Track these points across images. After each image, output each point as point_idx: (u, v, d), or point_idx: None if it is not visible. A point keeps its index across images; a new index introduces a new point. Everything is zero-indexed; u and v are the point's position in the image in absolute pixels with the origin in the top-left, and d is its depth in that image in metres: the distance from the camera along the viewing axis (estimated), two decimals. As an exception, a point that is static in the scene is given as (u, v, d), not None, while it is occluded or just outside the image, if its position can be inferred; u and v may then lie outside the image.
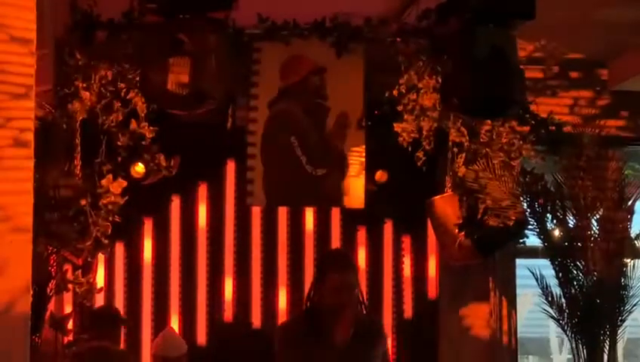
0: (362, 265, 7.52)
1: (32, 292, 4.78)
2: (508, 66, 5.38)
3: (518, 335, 7.41)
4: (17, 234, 4.64)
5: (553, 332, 8.71)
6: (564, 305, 6.44)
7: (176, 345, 6.50)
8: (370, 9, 6.28)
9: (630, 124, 7.21)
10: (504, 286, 7.29)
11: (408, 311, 7.56)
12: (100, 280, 6.72)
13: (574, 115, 6.97)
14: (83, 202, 5.92)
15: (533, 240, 6.61)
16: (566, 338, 6.64)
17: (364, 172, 6.55)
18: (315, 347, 5.06)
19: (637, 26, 6.50)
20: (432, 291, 7.56)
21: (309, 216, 7.51)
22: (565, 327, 6.48)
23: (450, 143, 6.52)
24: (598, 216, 6.43)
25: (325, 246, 7.48)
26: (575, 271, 6.41)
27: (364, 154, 6.51)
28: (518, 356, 7.49)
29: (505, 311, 7.26)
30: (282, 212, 7.47)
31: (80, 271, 6.02)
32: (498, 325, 7.22)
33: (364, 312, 5.36)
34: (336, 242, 7.53)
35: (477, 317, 7.18)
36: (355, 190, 6.54)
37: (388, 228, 7.58)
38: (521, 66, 5.51)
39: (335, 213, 7.48)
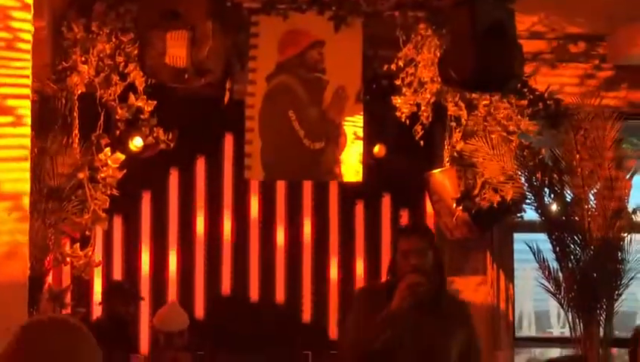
0: (360, 239, 7.54)
1: (29, 266, 4.80)
2: (507, 40, 5.40)
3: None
4: (14, 208, 4.66)
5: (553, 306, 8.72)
6: (561, 278, 6.46)
7: (178, 319, 6.51)
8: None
9: (629, 97, 7.20)
10: (502, 259, 7.31)
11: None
12: (97, 253, 6.71)
13: (572, 89, 6.95)
14: (81, 175, 5.92)
15: (530, 214, 6.62)
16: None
17: (362, 146, 6.54)
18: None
19: (635, 2, 6.49)
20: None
21: (307, 189, 7.51)
22: (562, 301, 6.51)
23: (448, 117, 6.52)
24: (595, 191, 6.44)
25: (323, 220, 7.50)
26: (572, 246, 6.42)
27: (362, 127, 6.49)
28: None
29: (502, 284, 7.28)
30: (280, 185, 7.47)
31: (78, 244, 6.03)
32: (496, 298, 7.24)
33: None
34: (334, 216, 7.53)
35: (475, 290, 7.19)
36: (353, 164, 6.53)
37: (386, 201, 7.58)
38: (520, 40, 5.51)
39: (333, 187, 7.48)
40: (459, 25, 5.49)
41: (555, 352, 8.72)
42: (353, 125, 6.48)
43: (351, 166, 6.54)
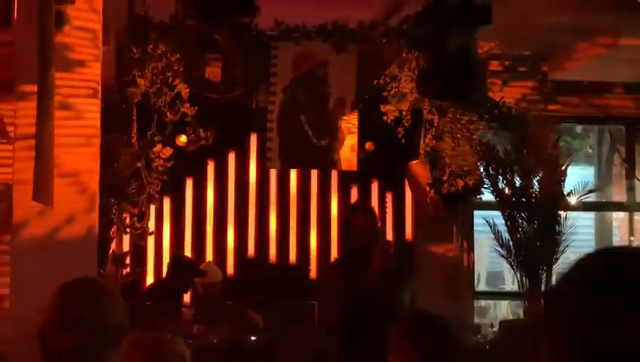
0: (355, 215, 7.50)
1: (97, 233, 4.77)
2: (470, 61, 5.33)
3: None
4: (87, 189, 4.62)
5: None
6: (512, 246, 6.42)
7: (213, 273, 6.49)
8: (362, 16, 6.21)
9: (564, 106, 7.16)
10: (465, 231, 7.27)
11: (391, 250, 7.53)
12: (151, 225, 6.68)
13: (521, 99, 6.91)
14: (139, 165, 5.89)
15: (488, 196, 6.58)
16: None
17: (356, 142, 6.50)
18: (348, 285, 4.90)
19: (570, 29, 6.44)
20: (409, 235, 7.53)
21: (314, 176, 7.47)
22: (512, 264, 6.47)
23: (423, 121, 6.48)
24: (538, 178, 6.40)
25: (326, 200, 7.46)
26: (520, 221, 6.39)
27: (357, 128, 6.45)
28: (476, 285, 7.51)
29: (465, 250, 7.24)
30: (293, 173, 7.43)
31: (136, 218, 6.00)
32: (460, 260, 7.20)
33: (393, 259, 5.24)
34: (335, 197, 7.49)
35: (444, 255, 7.15)
36: (350, 156, 6.50)
37: (375, 186, 7.53)
38: (481, 61, 5.46)
39: (334, 175, 7.44)
40: (433, 49, 5.44)
41: (505, 304, 8.71)
42: (350, 126, 6.44)
43: (348, 158, 6.50)
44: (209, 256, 7.28)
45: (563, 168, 6.46)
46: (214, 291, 6.41)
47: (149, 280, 7.01)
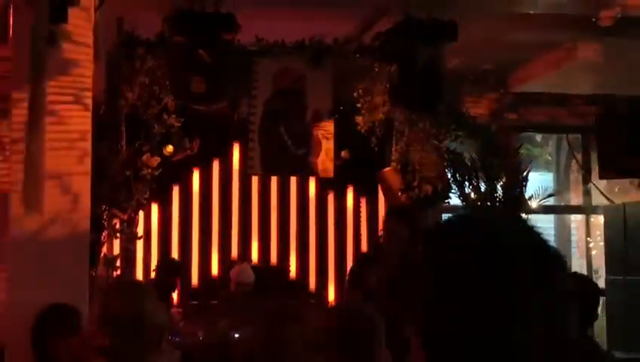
0: (331, 218, 7.51)
1: (89, 238, 4.75)
2: (438, 75, 5.38)
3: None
4: (79, 196, 4.61)
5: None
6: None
7: (246, 274, 6.57)
8: (337, 32, 6.23)
9: (525, 116, 7.22)
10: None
11: (364, 250, 7.56)
12: (139, 230, 6.65)
13: (485, 110, 6.96)
14: (128, 173, 5.86)
15: (455, 200, 6.61)
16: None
17: (333, 151, 6.51)
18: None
19: (530, 45, 6.50)
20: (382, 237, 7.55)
21: (293, 182, 7.49)
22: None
23: (394, 130, 6.51)
24: (502, 183, 6.43)
25: (304, 205, 7.47)
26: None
27: (332, 138, 6.46)
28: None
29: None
30: (274, 180, 7.44)
31: (125, 223, 5.97)
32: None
33: None
34: (312, 202, 7.50)
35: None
36: (327, 164, 6.49)
37: (350, 192, 7.56)
38: (447, 74, 5.50)
39: (312, 181, 7.46)
40: (403, 63, 5.48)
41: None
42: (327, 136, 6.45)
43: (325, 165, 6.50)
44: (194, 258, 7.28)
45: (524, 174, 6.50)
46: (246, 289, 6.46)
47: (138, 281, 6.98)
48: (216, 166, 7.37)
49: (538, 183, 7.08)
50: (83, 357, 3.39)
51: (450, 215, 1.18)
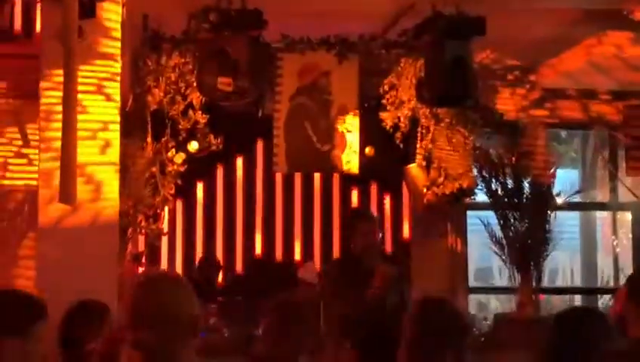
0: (355, 216, 7.49)
1: (118, 233, 4.77)
2: (466, 70, 5.33)
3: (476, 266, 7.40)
4: (107, 191, 4.62)
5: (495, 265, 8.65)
6: (505, 243, 6.41)
7: (312, 271, 6.55)
8: (363, 28, 6.20)
9: (552, 113, 7.14)
10: (458, 230, 7.24)
11: (388, 248, 7.53)
12: (164, 226, 6.66)
13: (512, 106, 6.89)
14: (154, 169, 5.86)
15: (482, 197, 6.56)
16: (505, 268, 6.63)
17: (358, 147, 6.48)
18: (350, 285, 4.78)
19: (556, 42, 6.44)
20: (406, 233, 7.53)
21: (317, 179, 7.47)
22: (505, 260, 6.45)
23: (420, 126, 6.47)
24: (529, 180, 6.39)
25: (328, 202, 7.45)
26: (512, 220, 6.37)
27: (358, 134, 6.43)
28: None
29: (459, 248, 7.22)
30: (297, 176, 7.43)
31: (151, 219, 5.97)
32: (454, 258, 7.18)
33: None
34: (336, 199, 7.49)
35: (438, 252, 7.13)
36: (351, 160, 6.46)
37: (374, 188, 7.54)
38: (475, 70, 5.45)
39: (336, 178, 7.44)
40: (431, 59, 5.44)
41: (494, 298, 8.69)
42: (352, 132, 6.42)
43: (350, 162, 6.47)
44: (219, 254, 7.28)
45: (552, 171, 6.45)
46: (312, 287, 6.45)
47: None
48: (240, 163, 7.37)
49: (564, 180, 7.02)
50: (114, 354, 3.37)
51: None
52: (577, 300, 8.01)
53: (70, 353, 3.92)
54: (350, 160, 6.50)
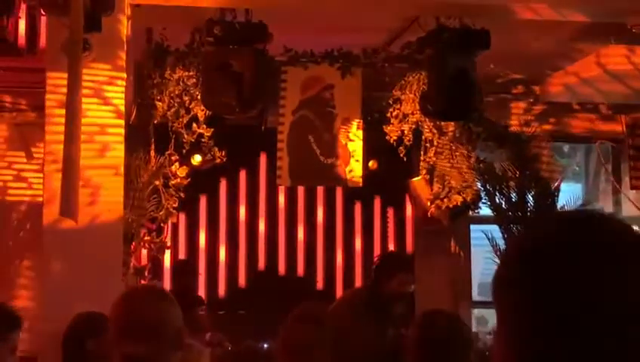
0: (358, 229, 7.49)
1: (122, 246, 4.77)
2: (469, 83, 5.35)
3: (479, 281, 7.37)
4: (112, 205, 4.63)
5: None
6: (508, 257, 6.37)
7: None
8: (366, 42, 6.22)
9: (556, 126, 7.15)
10: (461, 244, 7.24)
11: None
12: (168, 239, 6.66)
13: (515, 120, 6.90)
14: (157, 182, 5.86)
15: (486, 211, 6.55)
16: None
17: (361, 161, 6.48)
18: (374, 322, 4.52)
19: (560, 55, 6.46)
20: (409, 247, 7.52)
21: (320, 193, 7.47)
22: (509, 274, 6.41)
23: (424, 140, 6.47)
24: (532, 193, 6.37)
25: (332, 215, 7.44)
26: (516, 234, 6.35)
27: (361, 147, 6.44)
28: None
29: (462, 261, 7.21)
30: (300, 190, 7.43)
31: (154, 233, 5.97)
32: (458, 272, 7.17)
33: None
34: (339, 212, 7.48)
35: (442, 265, 7.12)
36: (355, 174, 6.47)
37: (377, 202, 7.54)
38: (479, 83, 5.46)
39: (339, 191, 7.44)
40: (434, 72, 5.45)
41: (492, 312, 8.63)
42: (355, 146, 6.42)
43: (353, 175, 6.47)
44: (221, 268, 7.27)
45: (555, 184, 6.45)
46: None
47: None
48: (243, 176, 7.38)
49: (567, 194, 7.00)
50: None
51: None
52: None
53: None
54: (354, 173, 6.50)
